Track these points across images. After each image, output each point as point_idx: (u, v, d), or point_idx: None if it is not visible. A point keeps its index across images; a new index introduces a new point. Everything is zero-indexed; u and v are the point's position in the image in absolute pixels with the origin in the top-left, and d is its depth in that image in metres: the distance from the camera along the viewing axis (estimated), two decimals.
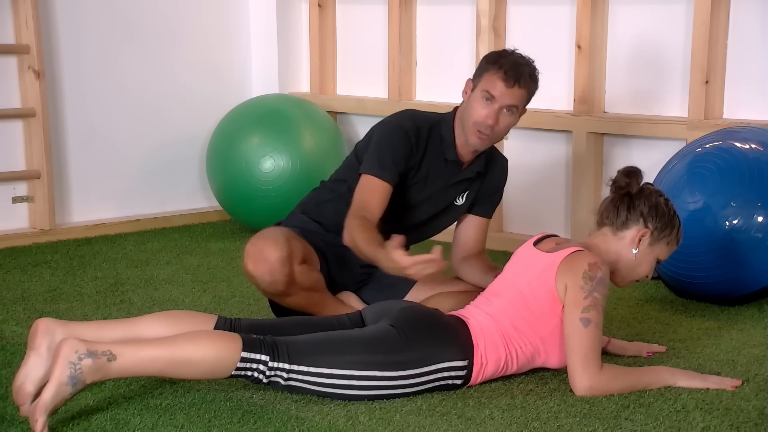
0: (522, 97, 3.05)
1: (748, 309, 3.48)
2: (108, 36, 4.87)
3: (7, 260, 4.25)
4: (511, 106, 3.03)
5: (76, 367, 2.31)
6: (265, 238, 3.05)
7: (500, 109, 3.03)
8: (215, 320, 2.64)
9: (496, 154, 3.31)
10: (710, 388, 2.65)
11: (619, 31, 4.30)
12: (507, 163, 3.35)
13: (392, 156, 3.09)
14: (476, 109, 3.05)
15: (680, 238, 2.81)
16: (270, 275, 3.00)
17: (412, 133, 3.12)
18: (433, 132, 3.16)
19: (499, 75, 3.01)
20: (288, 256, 3.00)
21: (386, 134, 3.14)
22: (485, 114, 3.03)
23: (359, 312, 2.82)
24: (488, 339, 2.65)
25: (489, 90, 3.02)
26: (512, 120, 3.07)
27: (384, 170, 3.08)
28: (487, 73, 3.04)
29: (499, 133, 3.09)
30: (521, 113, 3.11)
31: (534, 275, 2.68)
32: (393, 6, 4.90)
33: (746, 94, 3.99)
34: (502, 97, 3.01)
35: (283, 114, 4.79)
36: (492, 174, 3.28)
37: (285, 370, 2.47)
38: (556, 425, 2.42)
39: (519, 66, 3.03)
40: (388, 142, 3.12)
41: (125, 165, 4.99)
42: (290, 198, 3.48)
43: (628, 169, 2.78)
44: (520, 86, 3.02)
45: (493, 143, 3.16)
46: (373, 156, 3.11)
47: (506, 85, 3.00)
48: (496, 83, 3.01)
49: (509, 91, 3.01)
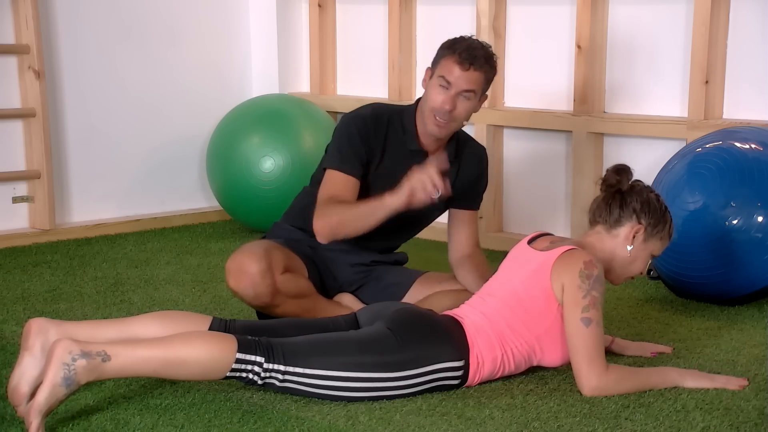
0: (479, 81, 3.03)
1: (748, 309, 3.48)
2: (108, 36, 4.87)
3: (7, 260, 4.25)
4: (468, 91, 3.01)
5: (70, 368, 2.30)
6: (243, 252, 3.05)
7: (457, 95, 3.02)
8: (210, 321, 2.64)
9: (471, 143, 3.29)
10: (717, 388, 2.64)
11: (618, 31, 4.29)
12: (485, 151, 3.31)
13: (350, 146, 3.09)
14: (433, 95, 3.04)
15: (672, 232, 2.81)
16: (252, 288, 3.00)
17: (370, 119, 3.13)
18: (394, 121, 3.15)
19: (453, 59, 3.00)
20: (268, 267, 3.00)
21: (345, 124, 3.16)
22: (442, 100, 3.02)
23: (354, 314, 2.82)
24: (483, 339, 2.65)
25: (444, 76, 3.01)
26: (470, 105, 3.05)
27: (345, 162, 3.09)
28: (442, 59, 3.04)
29: (457, 118, 3.06)
30: (481, 99, 3.09)
31: (528, 274, 2.68)
32: (393, 6, 4.90)
33: (746, 94, 3.99)
34: (458, 82, 3.00)
35: (283, 114, 4.79)
36: (468, 164, 3.24)
37: (280, 372, 2.47)
38: (556, 425, 2.42)
39: (474, 49, 3.01)
40: (346, 131, 3.12)
41: (125, 165, 4.99)
42: (290, 198, 3.47)
43: (617, 166, 2.77)
44: (475, 69, 3.00)
45: (452, 130, 3.12)
46: (333, 149, 3.14)
47: (461, 68, 2.99)
48: (452, 68, 3.00)
49: (465, 75, 3.00)
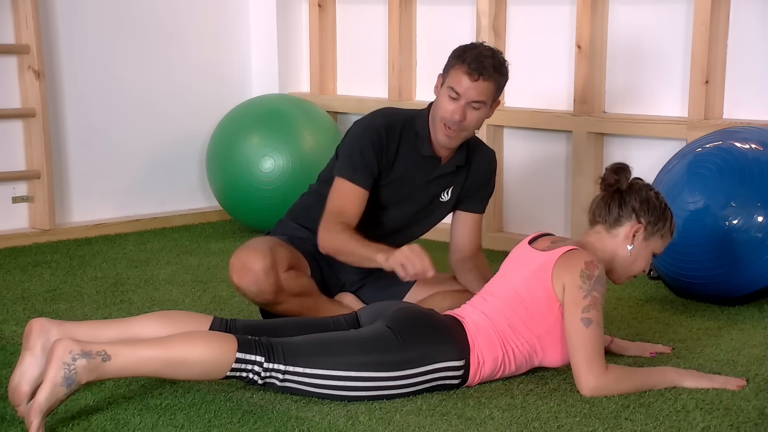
0: (488, 91, 3.02)
1: (748, 309, 3.48)
2: (108, 36, 4.87)
3: (7, 260, 4.25)
4: (478, 101, 3.01)
5: (71, 368, 2.30)
6: (247, 249, 3.05)
7: (467, 105, 3.01)
8: (211, 321, 2.64)
9: (481, 147, 3.28)
10: (715, 388, 2.64)
11: (619, 31, 4.29)
12: (494, 154, 3.31)
13: (363, 157, 3.08)
14: (443, 104, 3.04)
15: (674, 230, 2.80)
16: (256, 285, 3.00)
17: (384, 130, 3.11)
18: (408, 128, 3.14)
19: (462, 69, 2.99)
20: (272, 265, 3.00)
21: (358, 134, 3.14)
22: (452, 110, 3.01)
23: (355, 313, 2.82)
24: (484, 338, 2.65)
25: (454, 87, 3.00)
26: (481, 114, 3.05)
27: (356, 173, 3.08)
28: (452, 69, 3.03)
29: (468, 128, 3.06)
30: (493, 106, 3.09)
31: (530, 274, 2.67)
32: (393, 6, 4.90)
33: (746, 94, 3.99)
34: (468, 93, 2.99)
35: (283, 114, 4.79)
36: (477, 167, 3.24)
37: (280, 371, 2.47)
38: (556, 425, 2.42)
39: (482, 59, 2.99)
40: (360, 142, 3.11)
41: (125, 165, 4.99)
42: (290, 198, 3.47)
43: (616, 165, 2.76)
44: (484, 79, 2.99)
45: (462, 140, 3.11)
46: (345, 157, 3.12)
47: (470, 79, 2.98)
48: (461, 78, 2.99)
49: (474, 86, 2.99)
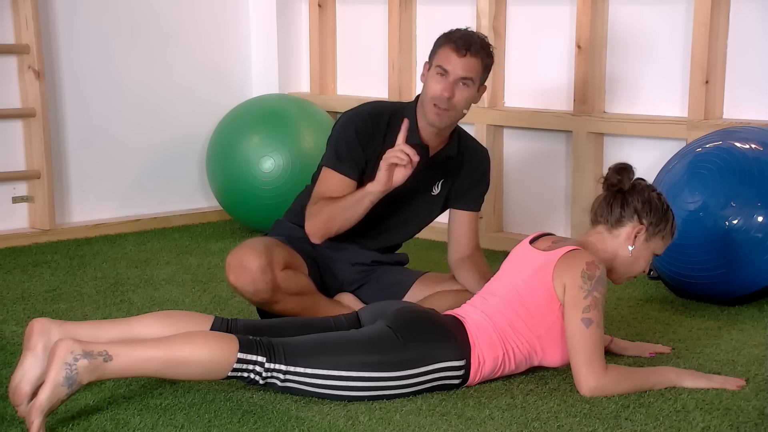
0: (476, 68, 3.04)
1: (748, 309, 3.48)
2: (108, 36, 4.87)
3: (7, 260, 4.25)
4: (466, 78, 3.02)
5: (72, 368, 2.30)
6: (244, 248, 3.05)
7: (455, 82, 3.03)
8: (212, 321, 2.64)
9: (473, 144, 3.29)
10: (714, 388, 2.64)
11: (619, 30, 4.29)
12: (486, 153, 3.33)
13: (348, 146, 3.10)
14: (432, 84, 3.06)
15: (675, 231, 2.80)
16: (252, 284, 2.99)
17: (370, 119, 3.13)
18: (396, 118, 3.14)
19: (450, 47, 3.02)
20: (269, 264, 3.00)
21: (344, 123, 3.16)
22: (441, 88, 3.03)
23: (356, 313, 2.82)
24: (485, 338, 2.65)
25: (442, 64, 3.03)
26: (469, 93, 3.06)
27: (342, 163, 3.09)
28: (439, 49, 3.06)
29: (456, 106, 3.06)
30: (480, 89, 3.10)
31: (530, 274, 2.67)
32: (393, 6, 4.90)
33: (746, 94, 3.99)
34: (456, 69, 3.01)
35: (283, 114, 4.79)
36: (470, 164, 3.25)
37: (281, 372, 2.47)
38: (556, 425, 2.42)
39: (469, 37, 3.04)
40: (345, 131, 3.13)
41: (125, 165, 4.99)
42: (290, 198, 3.47)
43: (618, 165, 2.76)
44: (471, 55, 3.01)
45: (452, 120, 3.11)
46: (331, 148, 3.14)
47: (458, 55, 3.01)
48: (449, 56, 3.02)
49: (461, 61, 3.01)
